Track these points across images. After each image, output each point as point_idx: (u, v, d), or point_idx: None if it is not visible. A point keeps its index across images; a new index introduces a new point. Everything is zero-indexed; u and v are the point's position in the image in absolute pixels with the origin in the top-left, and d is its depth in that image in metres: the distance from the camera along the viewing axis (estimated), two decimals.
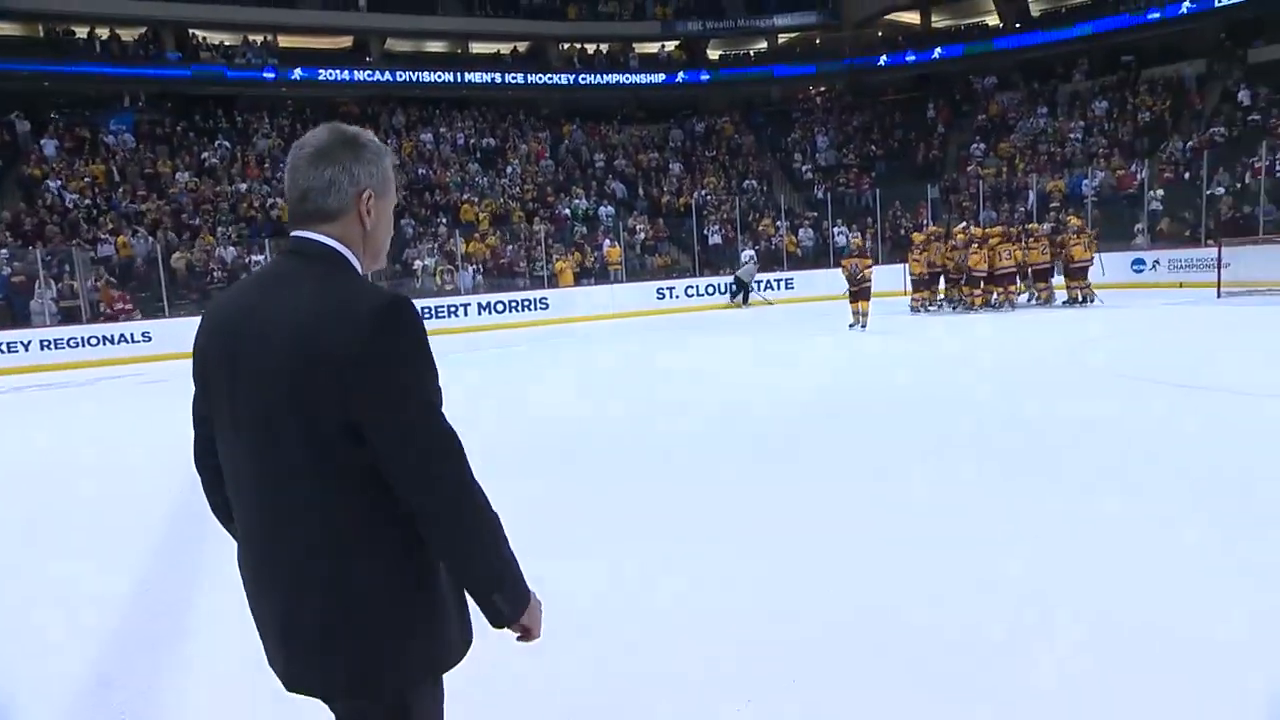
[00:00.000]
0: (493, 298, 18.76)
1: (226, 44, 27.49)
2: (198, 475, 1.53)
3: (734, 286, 20.41)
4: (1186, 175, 21.45)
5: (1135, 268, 19.23)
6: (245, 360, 1.34)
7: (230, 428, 1.38)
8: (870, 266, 13.83)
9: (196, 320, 1.49)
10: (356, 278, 1.40)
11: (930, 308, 16.44)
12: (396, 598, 1.36)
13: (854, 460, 5.61)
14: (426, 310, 17.92)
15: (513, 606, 1.40)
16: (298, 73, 27.21)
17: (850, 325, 13.78)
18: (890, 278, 18.46)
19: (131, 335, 15.55)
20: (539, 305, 18.93)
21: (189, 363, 1.50)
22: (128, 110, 24.50)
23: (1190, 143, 22.60)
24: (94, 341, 15.33)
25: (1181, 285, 18.20)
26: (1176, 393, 7.23)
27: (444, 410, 1.37)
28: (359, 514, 1.34)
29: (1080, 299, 15.59)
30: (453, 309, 18.22)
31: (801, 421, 6.94)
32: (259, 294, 1.38)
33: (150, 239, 18.27)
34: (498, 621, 1.40)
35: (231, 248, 18.61)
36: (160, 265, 16.58)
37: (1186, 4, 25.86)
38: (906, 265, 17.16)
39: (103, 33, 25.35)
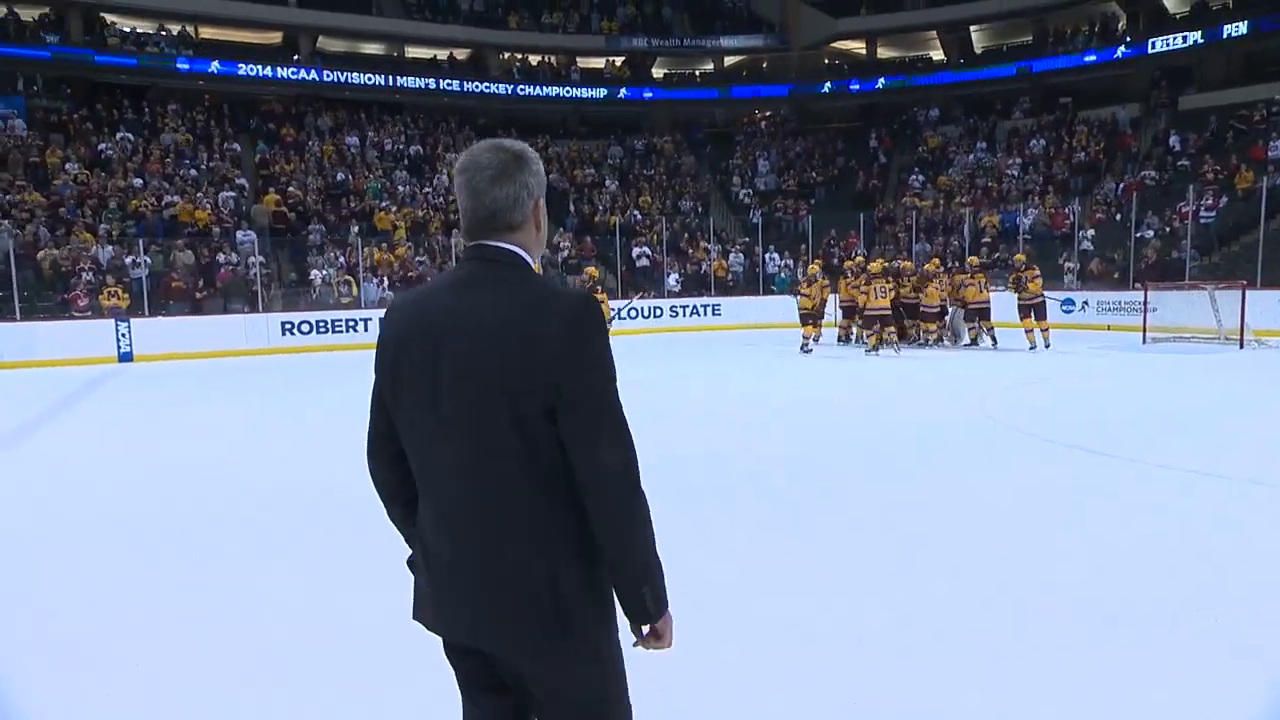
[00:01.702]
0: None
1: (140, 31, 25.92)
2: (369, 456, 1.66)
3: None
4: (1118, 217, 21.34)
5: (1065, 308, 18.89)
6: (452, 353, 1.47)
7: (431, 414, 1.50)
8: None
9: (51, 325, 5.38)
10: (543, 277, 1.56)
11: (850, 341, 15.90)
12: (589, 578, 1.51)
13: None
14: (322, 324, 16.69)
15: (657, 604, 1.53)
16: (215, 66, 25.73)
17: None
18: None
19: None
20: None
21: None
22: (19, 94, 22.76)
23: (1122, 184, 22.57)
24: None
25: (1110, 328, 17.89)
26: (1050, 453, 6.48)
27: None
28: (556, 494, 1.48)
29: (976, 340, 15.01)
30: (352, 323, 16.94)
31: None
32: (454, 296, 1.52)
33: (19, 234, 16.67)
34: (641, 617, 1.53)
35: (110, 246, 17.08)
36: (12, 263, 15.01)
37: (1121, 49, 26.13)
38: (837, 295, 16.44)
39: (0, 10, 23.63)
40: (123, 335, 14.74)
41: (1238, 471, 5.68)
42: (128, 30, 25.68)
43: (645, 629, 1.55)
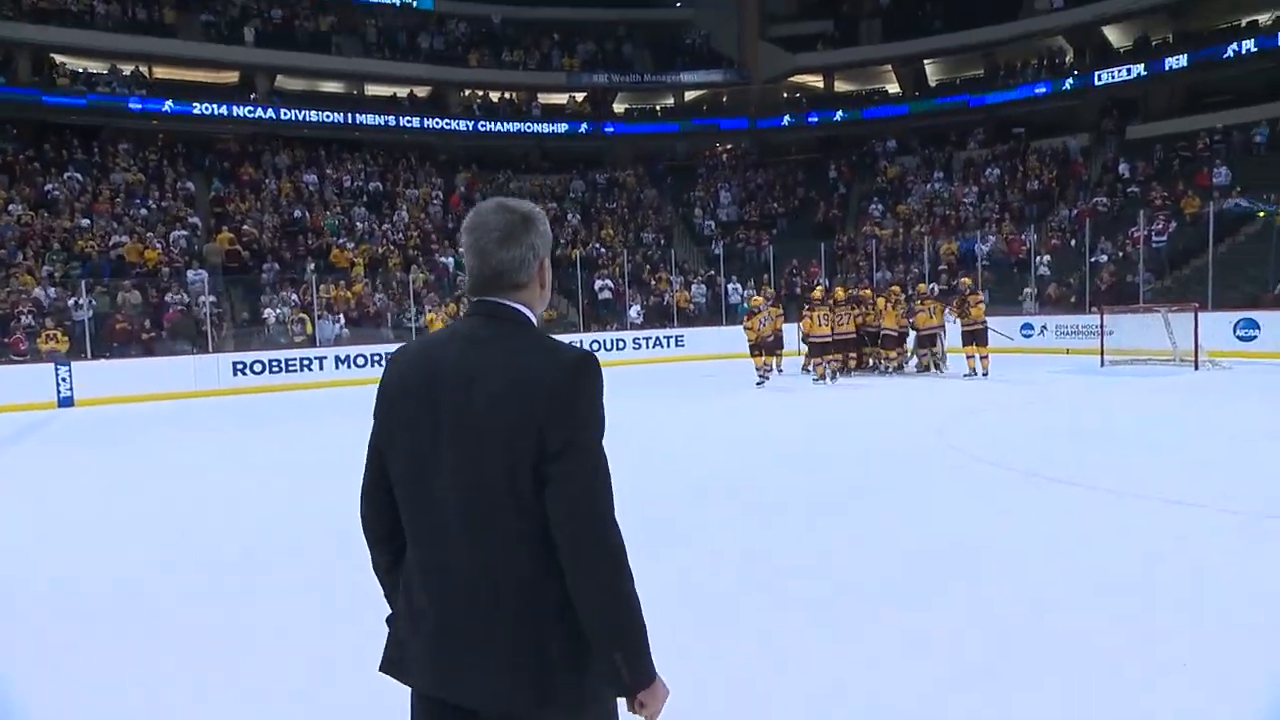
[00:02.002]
0: (353, 350, 17.06)
1: (92, 71, 25.52)
2: (362, 501, 1.65)
3: None
4: (1072, 243, 21.69)
5: (1024, 333, 19.07)
6: (454, 406, 1.49)
7: (426, 466, 1.52)
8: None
9: None
10: (545, 335, 1.59)
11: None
12: (575, 631, 1.47)
13: None
14: (276, 364, 16.24)
15: (634, 671, 1.46)
16: (169, 105, 25.38)
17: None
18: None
19: None
20: None
21: None
22: None
23: (1075, 211, 22.98)
24: None
25: (1069, 352, 18.06)
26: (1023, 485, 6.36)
27: None
28: (550, 554, 1.46)
29: (928, 367, 14.97)
30: (306, 362, 16.51)
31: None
32: (458, 350, 1.54)
33: None
34: (615, 686, 1.48)
35: (52, 289, 16.53)
36: None
37: (1070, 81, 26.82)
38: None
39: None
40: (63, 379, 14.20)
41: (1203, 498, 5.56)
42: (79, 70, 25.28)
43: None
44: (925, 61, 30.86)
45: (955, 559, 4.55)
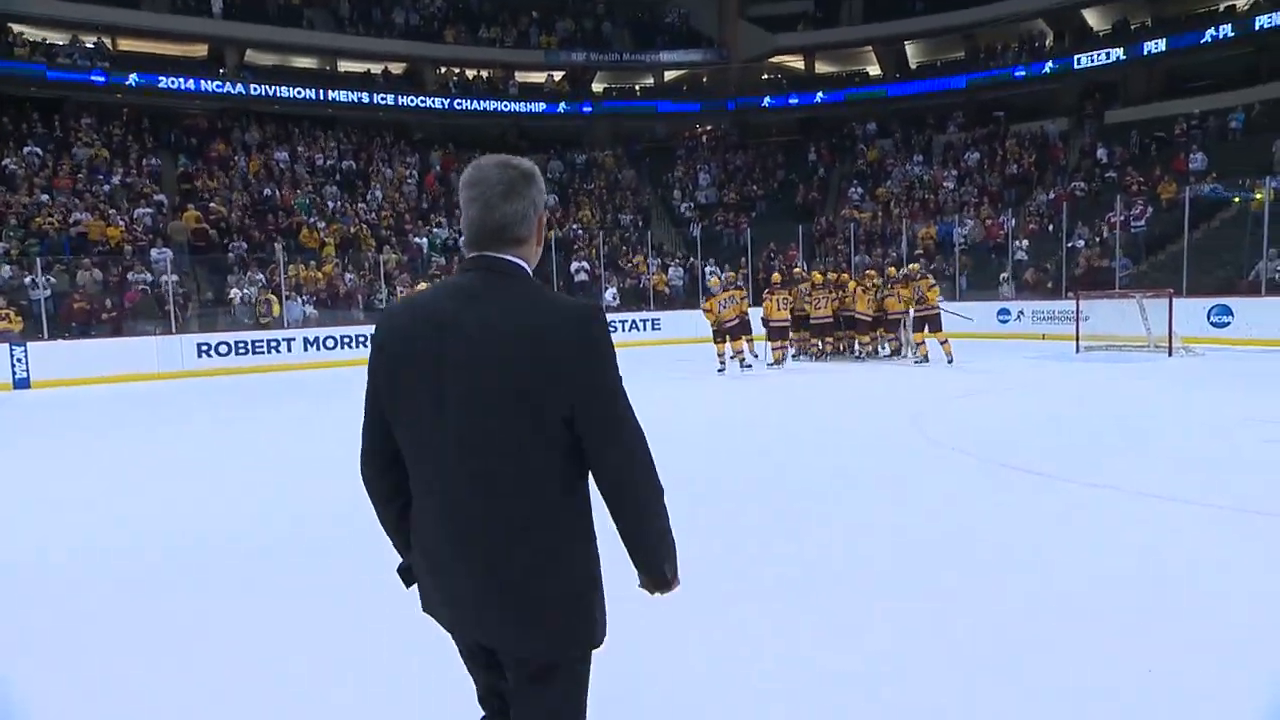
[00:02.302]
0: (321, 332, 16.71)
1: (52, 43, 24.70)
2: (363, 463, 1.69)
3: None
4: (1050, 227, 21.68)
5: (1001, 318, 19.06)
6: (457, 358, 1.52)
7: (436, 419, 1.54)
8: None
9: None
10: (546, 288, 1.64)
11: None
12: (589, 573, 1.61)
13: None
14: (242, 345, 15.86)
15: (674, 574, 1.66)
16: (133, 78, 24.65)
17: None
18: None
19: None
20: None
21: None
22: None
23: (1053, 195, 22.96)
24: None
25: (1045, 337, 18.06)
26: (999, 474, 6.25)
27: None
28: (564, 492, 1.56)
29: (897, 351, 14.92)
30: (274, 344, 16.13)
31: None
32: (460, 303, 1.55)
33: None
34: (662, 588, 1.66)
35: (7, 267, 16.00)
36: None
37: (1049, 65, 26.74)
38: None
39: None
40: (18, 360, 13.76)
41: (1182, 492, 5.46)
42: (39, 41, 24.46)
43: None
44: (906, 43, 30.68)
45: (930, 553, 4.42)
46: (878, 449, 7.28)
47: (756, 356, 14.11)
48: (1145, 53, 24.85)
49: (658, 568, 1.63)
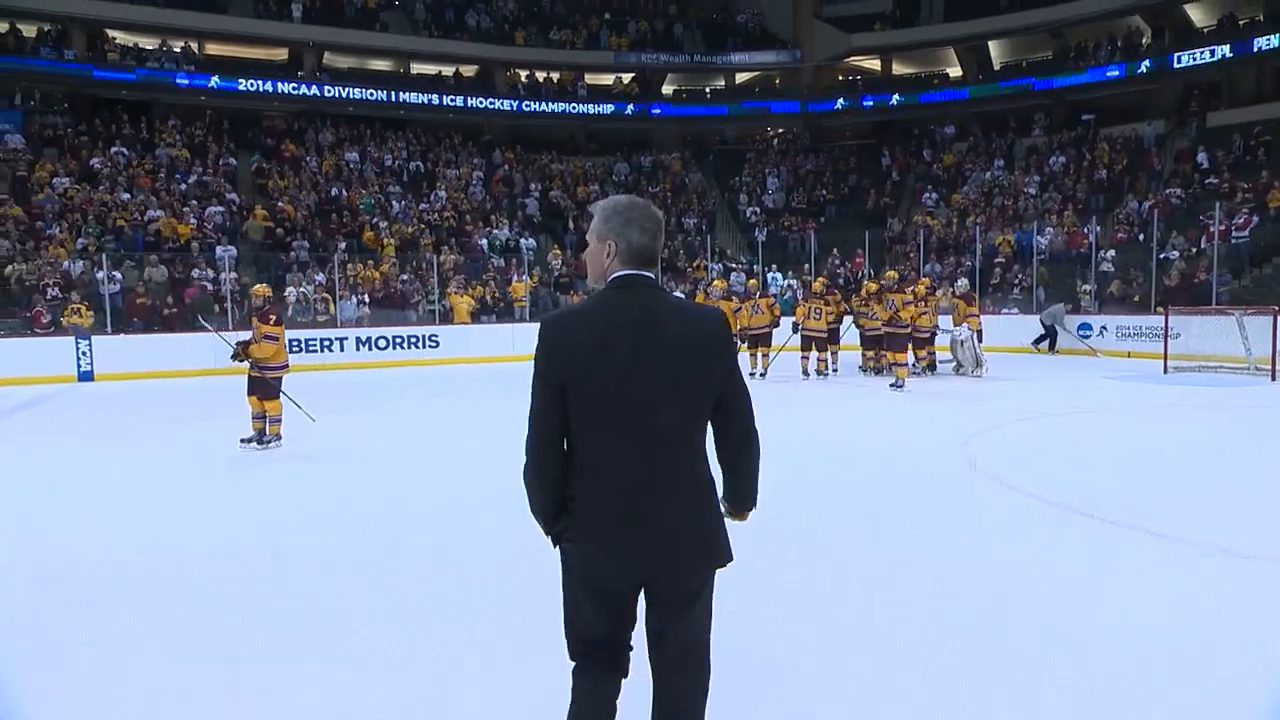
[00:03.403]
0: (374, 332, 16.77)
1: (144, 47, 25.76)
2: (533, 459, 2.03)
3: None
4: (1141, 237, 20.23)
5: (1081, 332, 17.83)
6: (651, 350, 1.94)
7: (625, 401, 1.94)
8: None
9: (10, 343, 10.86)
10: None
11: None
12: (719, 508, 2.12)
13: None
14: (295, 344, 15.97)
15: (756, 505, 2.21)
16: (215, 81, 25.49)
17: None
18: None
19: None
20: (428, 343, 16.99)
21: None
22: (16, 108, 22.59)
23: (1146, 203, 21.46)
24: None
25: (1130, 355, 16.79)
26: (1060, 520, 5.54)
27: None
28: (703, 445, 2.06)
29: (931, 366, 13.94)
30: (327, 343, 16.26)
31: None
32: (641, 310, 1.98)
33: None
34: (748, 511, 2.21)
35: (81, 261, 16.59)
36: None
37: (1146, 63, 25.07)
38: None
39: (1, 26, 23.53)
40: (83, 353, 14.19)
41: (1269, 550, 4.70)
42: (130, 45, 25.54)
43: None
44: (990, 43, 29.27)
45: (971, 614, 3.84)
46: (918, 480, 6.60)
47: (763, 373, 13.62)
48: (1255, 50, 23.00)
49: (753, 498, 2.18)
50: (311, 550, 4.89)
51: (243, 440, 7.95)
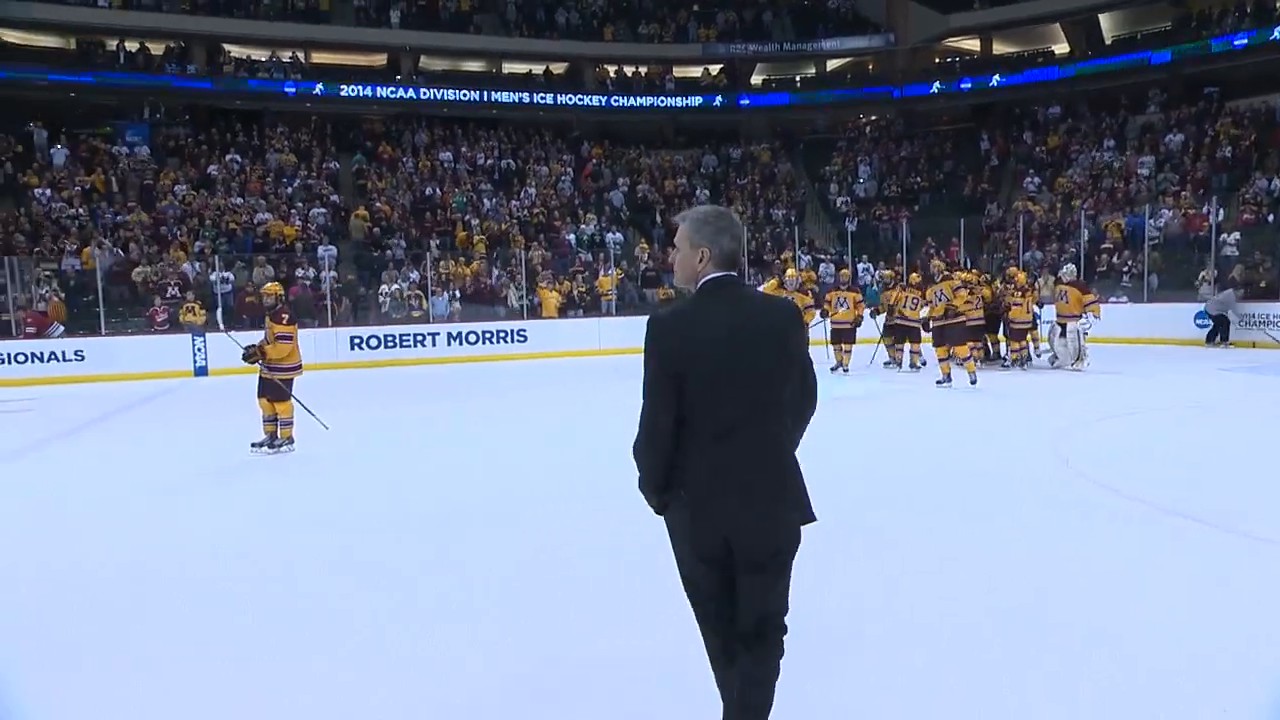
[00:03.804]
0: (464, 327, 17.28)
1: (255, 59, 27.29)
2: (657, 441, 2.27)
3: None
4: (1270, 218, 18.71)
5: (1199, 321, 16.64)
6: (745, 340, 2.23)
7: (737, 383, 2.22)
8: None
9: (131, 340, 13.23)
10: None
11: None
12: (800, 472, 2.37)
13: None
14: (390, 339, 16.71)
15: None
16: (319, 87, 26.77)
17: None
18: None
19: (63, 354, 14.70)
20: (516, 337, 17.39)
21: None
22: (144, 122, 24.33)
23: (1276, 180, 19.81)
24: (21, 359, 14.52)
25: (1255, 345, 15.58)
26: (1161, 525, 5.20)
27: None
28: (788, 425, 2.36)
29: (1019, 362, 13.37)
30: (420, 338, 16.86)
31: None
32: (741, 306, 2.29)
33: (121, 253, 17.59)
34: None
35: (196, 263, 17.76)
36: (98, 280, 15.76)
37: (1279, 30, 23.07)
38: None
39: (132, 46, 25.38)
40: (198, 350, 15.19)
41: None
42: (243, 58, 27.09)
43: None
44: (1100, 15, 27.57)
45: (1067, 630, 3.68)
46: (1007, 483, 6.26)
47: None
48: None
49: (799, 439, 2.40)
50: (320, 550, 4.96)
51: (253, 445, 7.84)
